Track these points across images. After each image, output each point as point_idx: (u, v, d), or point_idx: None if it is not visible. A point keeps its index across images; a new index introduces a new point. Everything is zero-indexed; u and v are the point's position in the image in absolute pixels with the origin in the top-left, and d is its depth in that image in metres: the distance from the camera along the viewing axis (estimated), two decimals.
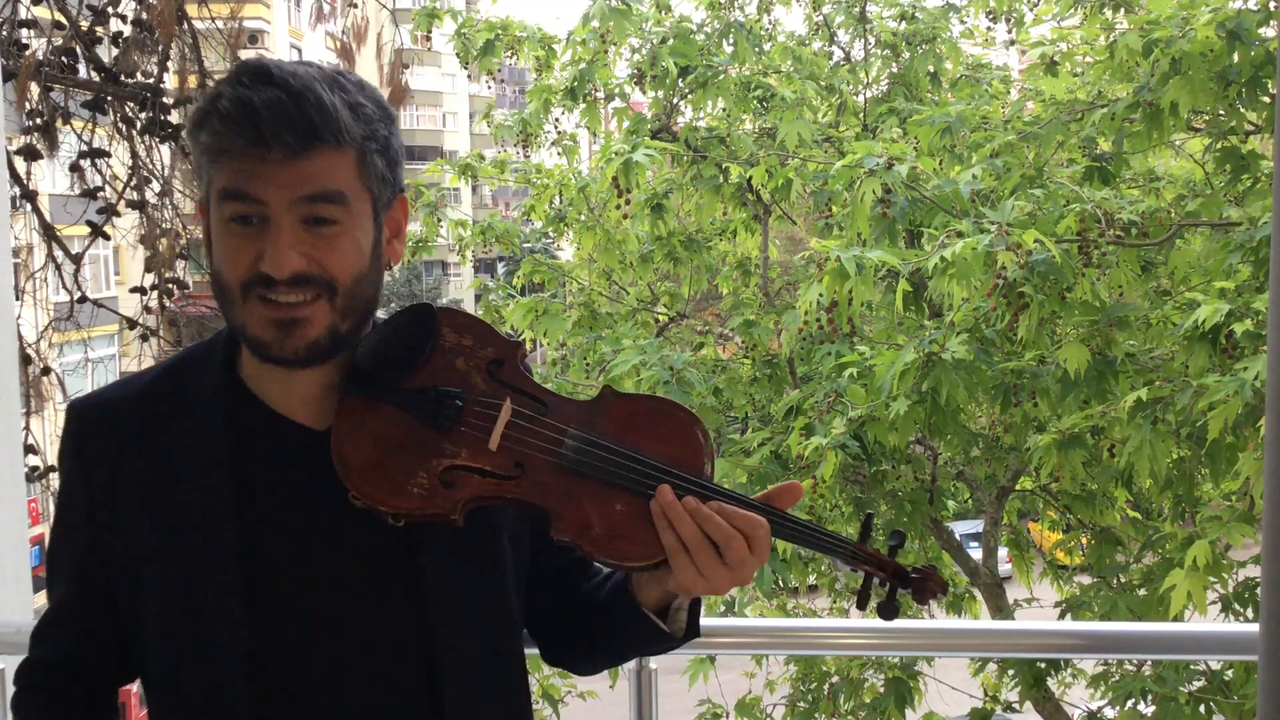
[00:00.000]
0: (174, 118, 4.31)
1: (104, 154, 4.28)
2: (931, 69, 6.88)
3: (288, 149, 1.14)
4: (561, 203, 7.41)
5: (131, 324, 4.66)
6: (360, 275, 1.21)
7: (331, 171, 1.17)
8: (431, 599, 1.26)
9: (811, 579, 7.11)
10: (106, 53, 4.26)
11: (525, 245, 12.73)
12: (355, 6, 4.84)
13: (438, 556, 1.27)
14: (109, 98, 4.16)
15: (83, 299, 4.41)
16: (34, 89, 3.83)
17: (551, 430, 1.24)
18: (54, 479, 4.71)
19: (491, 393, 1.25)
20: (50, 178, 5.96)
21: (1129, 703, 4.86)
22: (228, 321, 1.24)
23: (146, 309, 4.56)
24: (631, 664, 1.89)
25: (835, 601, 7.30)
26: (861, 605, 1.31)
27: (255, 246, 1.17)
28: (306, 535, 1.25)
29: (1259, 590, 1.23)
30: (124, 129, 4.29)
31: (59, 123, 4.12)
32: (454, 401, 1.23)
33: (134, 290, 4.50)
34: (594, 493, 1.22)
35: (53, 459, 5.10)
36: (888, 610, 1.28)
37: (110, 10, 4.20)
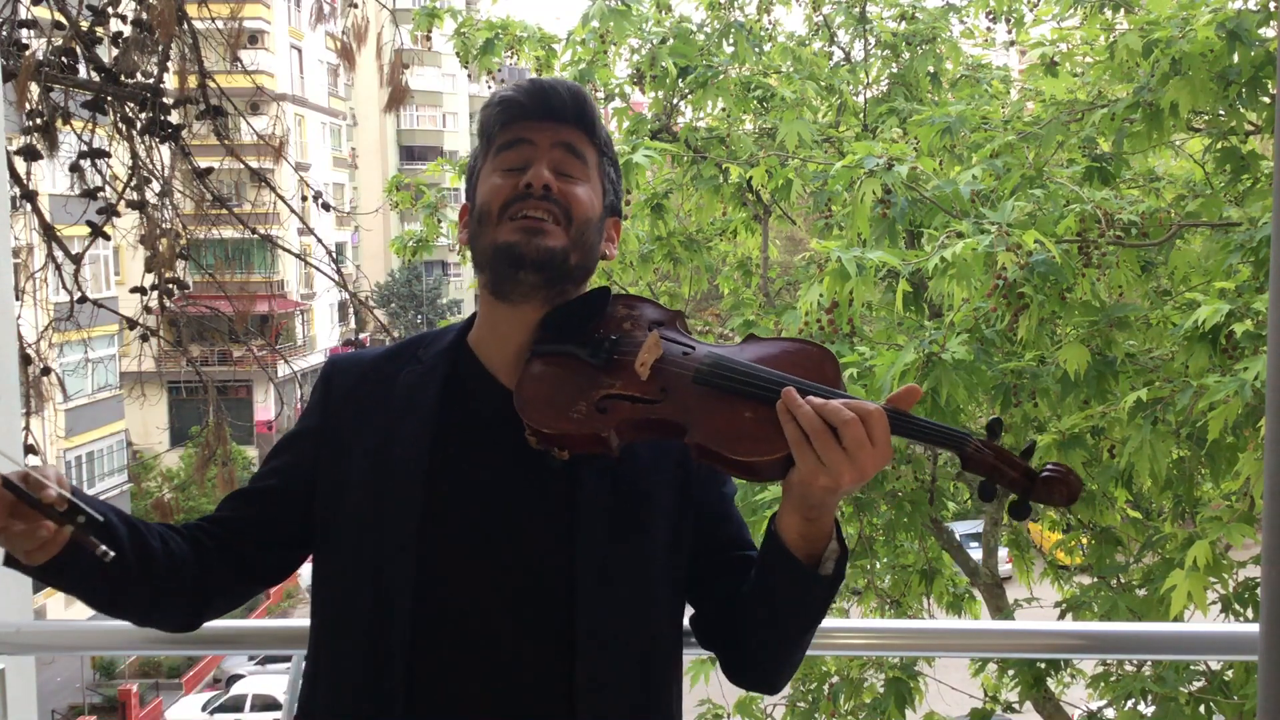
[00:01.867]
0: (174, 118, 4.31)
1: (104, 154, 4.28)
2: (931, 69, 6.88)
3: (561, 113, 1.48)
4: None
5: (131, 324, 4.66)
6: (589, 221, 1.48)
7: (582, 143, 1.50)
8: (582, 555, 1.39)
9: None
10: (106, 53, 4.26)
11: None
12: (355, 6, 4.85)
13: (594, 519, 1.40)
14: (109, 98, 4.16)
15: (83, 299, 4.42)
16: (34, 89, 3.83)
17: (692, 356, 1.41)
18: None
19: (645, 334, 1.45)
20: (50, 178, 5.96)
21: (1129, 703, 4.86)
22: (478, 253, 1.49)
23: (146, 309, 4.56)
24: None
25: (835, 601, 7.30)
26: (987, 498, 1.33)
27: (516, 178, 1.45)
28: (484, 475, 1.43)
29: (1259, 590, 1.23)
30: (124, 129, 4.29)
31: (59, 123, 4.12)
32: (610, 338, 1.44)
33: (134, 290, 4.50)
34: (726, 403, 1.36)
35: (53, 459, 5.09)
36: (1020, 510, 1.31)
37: (110, 10, 4.20)
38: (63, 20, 4.05)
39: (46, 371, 4.39)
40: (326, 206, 4.92)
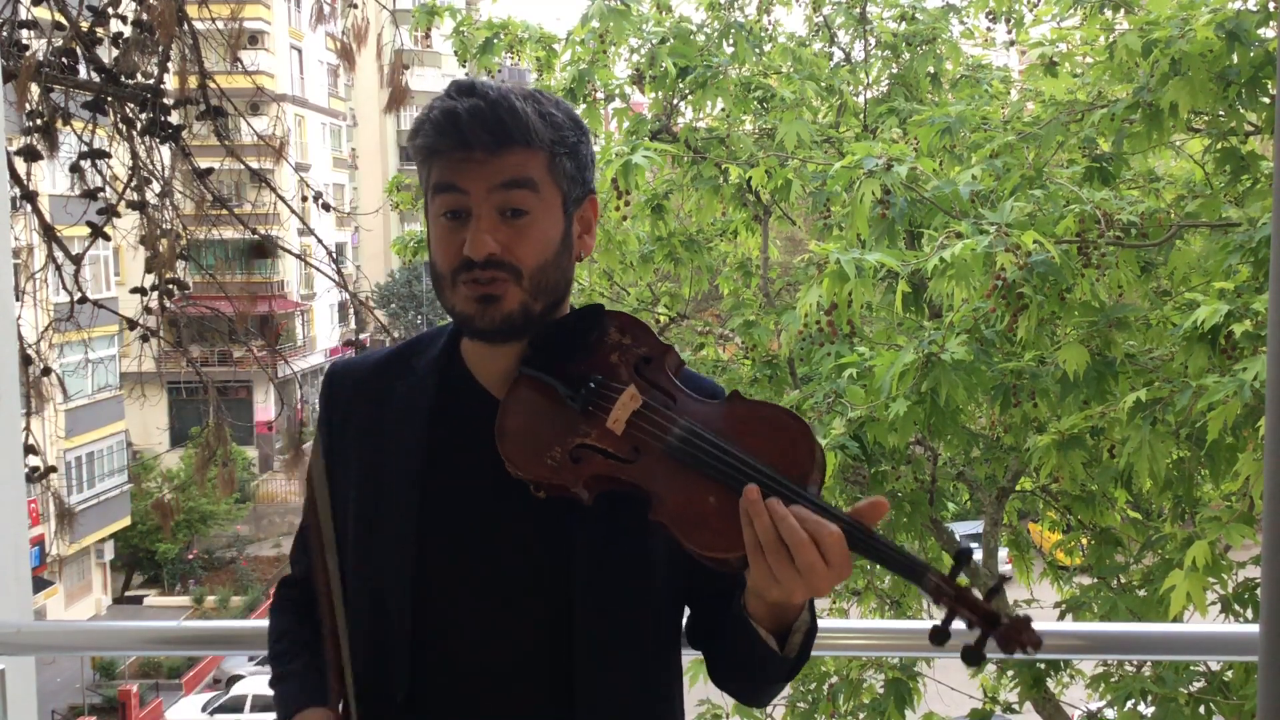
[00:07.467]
0: (174, 118, 4.31)
1: (104, 155, 4.28)
2: (931, 69, 6.88)
3: (485, 147, 1.34)
4: None
5: (131, 324, 4.66)
6: (546, 263, 1.39)
7: (523, 165, 1.36)
8: (578, 564, 1.38)
9: None
10: (107, 53, 4.26)
11: None
12: (355, 7, 4.85)
13: (589, 534, 1.39)
14: (109, 98, 4.16)
15: (83, 299, 4.42)
16: (34, 89, 3.84)
17: (666, 420, 1.35)
18: (54, 479, 4.72)
19: (626, 382, 1.38)
20: (50, 178, 5.97)
21: (1129, 703, 4.86)
22: (442, 304, 1.43)
23: (147, 309, 4.56)
24: None
25: (835, 601, 7.30)
26: (939, 641, 1.23)
27: (460, 237, 1.36)
28: (477, 487, 1.42)
29: (1259, 591, 1.23)
30: (124, 130, 4.30)
31: (59, 123, 4.12)
32: (590, 385, 1.37)
33: (134, 291, 4.50)
34: (693, 482, 1.31)
35: (53, 459, 5.10)
36: (973, 656, 1.23)
37: (110, 11, 4.20)
38: (63, 21, 4.05)
39: (47, 372, 4.39)
40: (326, 207, 4.92)
